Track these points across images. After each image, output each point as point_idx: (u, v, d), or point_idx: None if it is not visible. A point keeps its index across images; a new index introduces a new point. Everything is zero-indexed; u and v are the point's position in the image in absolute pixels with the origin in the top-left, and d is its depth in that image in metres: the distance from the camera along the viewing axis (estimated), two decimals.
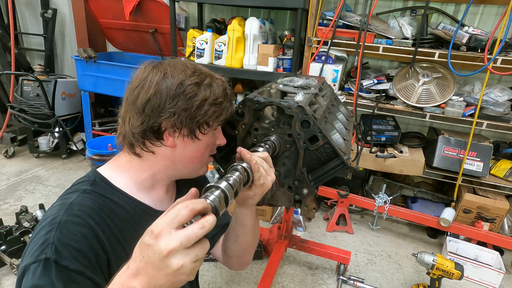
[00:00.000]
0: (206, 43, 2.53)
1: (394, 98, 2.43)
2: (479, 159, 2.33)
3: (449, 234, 2.42)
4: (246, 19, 2.43)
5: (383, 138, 2.54)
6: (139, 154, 0.81)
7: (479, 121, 2.21)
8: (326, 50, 2.37)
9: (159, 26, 3.04)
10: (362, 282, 2.10)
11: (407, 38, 2.27)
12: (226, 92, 0.82)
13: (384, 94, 2.45)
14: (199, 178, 0.95)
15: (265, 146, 0.84)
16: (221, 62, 2.55)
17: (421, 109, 2.32)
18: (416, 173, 2.46)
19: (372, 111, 2.41)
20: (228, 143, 0.92)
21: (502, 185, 2.37)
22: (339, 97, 2.09)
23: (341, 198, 2.53)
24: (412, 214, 2.37)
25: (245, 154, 0.75)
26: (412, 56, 2.23)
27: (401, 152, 2.51)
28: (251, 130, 0.92)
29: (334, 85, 2.44)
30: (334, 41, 2.35)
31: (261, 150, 0.81)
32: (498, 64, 2.07)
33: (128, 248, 0.77)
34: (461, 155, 2.35)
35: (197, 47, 2.56)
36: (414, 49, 2.20)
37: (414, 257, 1.92)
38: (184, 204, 0.50)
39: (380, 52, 2.27)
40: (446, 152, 2.40)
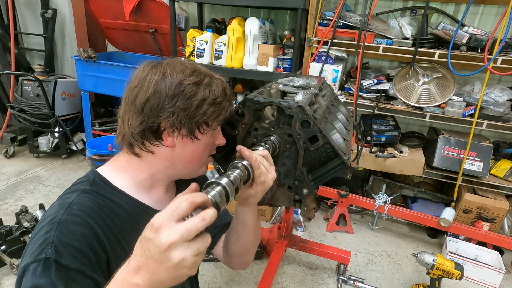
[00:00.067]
0: (206, 43, 2.53)
1: (394, 98, 2.43)
2: (479, 159, 2.33)
3: (449, 234, 2.42)
4: (246, 19, 2.43)
5: (383, 138, 2.54)
6: (138, 154, 0.81)
7: (479, 121, 2.21)
8: (326, 50, 2.37)
9: (159, 26, 3.04)
10: (362, 282, 2.10)
11: (407, 38, 2.27)
12: (226, 91, 0.82)
13: (384, 94, 2.45)
14: (199, 178, 0.95)
15: (265, 146, 0.84)
16: (221, 62, 2.55)
17: (421, 109, 2.32)
18: (416, 173, 2.46)
19: (372, 111, 2.41)
20: (228, 143, 0.92)
21: (502, 185, 2.37)
22: (339, 97, 2.09)
23: (341, 198, 2.53)
24: (412, 214, 2.37)
25: (244, 152, 0.75)
26: (412, 56, 2.23)
27: (401, 152, 2.51)
28: (251, 130, 0.92)
29: (334, 85, 2.44)
30: (334, 41, 2.35)
31: (261, 149, 0.81)
32: (498, 64, 2.07)
33: (127, 248, 0.76)
34: (461, 155, 2.35)
35: (197, 47, 2.56)
36: (414, 49, 2.20)
37: (414, 257, 1.92)
38: (184, 197, 0.50)
39: (380, 52, 2.27)
40: (446, 152, 2.40)
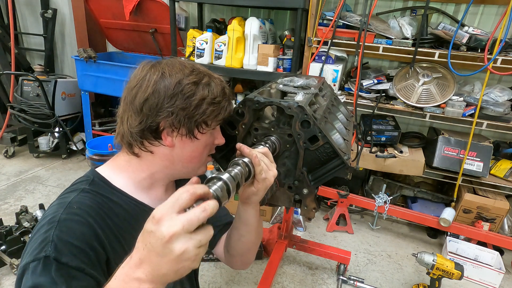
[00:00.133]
0: (206, 43, 2.53)
1: (394, 98, 2.43)
2: (479, 159, 2.33)
3: (449, 234, 2.42)
4: (246, 19, 2.43)
5: (383, 138, 2.54)
6: (138, 154, 0.81)
7: (479, 121, 2.21)
8: (326, 50, 2.37)
9: (159, 26, 3.04)
10: (362, 282, 2.10)
11: (407, 38, 2.27)
12: (225, 91, 0.82)
13: (384, 94, 2.45)
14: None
15: (265, 145, 0.84)
16: (221, 62, 2.55)
17: (421, 109, 2.32)
18: (416, 173, 2.46)
19: (372, 111, 2.41)
20: (228, 143, 0.91)
21: (502, 185, 2.37)
22: (339, 97, 2.09)
23: (341, 198, 2.53)
24: (412, 214, 2.37)
25: (244, 149, 0.75)
26: (412, 56, 2.23)
27: (401, 152, 2.51)
28: (251, 130, 0.92)
29: (334, 85, 2.44)
30: (334, 41, 2.35)
31: (261, 147, 0.81)
32: (498, 64, 2.07)
33: (127, 247, 0.76)
34: (461, 155, 2.35)
35: (197, 47, 2.56)
36: (414, 49, 2.20)
37: (414, 257, 1.92)
38: (185, 188, 0.50)
39: (380, 52, 2.27)
40: (446, 152, 2.39)
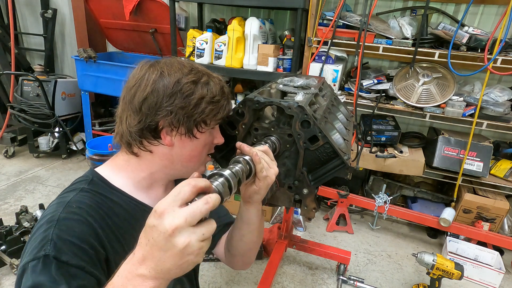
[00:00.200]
0: (206, 43, 2.53)
1: (394, 98, 2.43)
2: (479, 159, 2.33)
3: (449, 234, 2.42)
4: (246, 19, 2.43)
5: (383, 138, 2.54)
6: (137, 153, 0.81)
7: (479, 121, 2.21)
8: (326, 50, 2.37)
9: (159, 26, 3.04)
10: (362, 282, 2.10)
11: (407, 38, 2.27)
12: (223, 90, 0.82)
13: (384, 94, 2.45)
14: None
15: (265, 144, 0.84)
16: (221, 62, 2.55)
17: (421, 109, 2.32)
18: (416, 173, 2.46)
19: (372, 111, 2.41)
20: (228, 143, 0.92)
21: (502, 185, 2.37)
22: (339, 97, 2.09)
23: (341, 198, 2.53)
24: (412, 214, 2.37)
25: (244, 148, 0.75)
26: (412, 56, 2.23)
27: (401, 152, 2.51)
28: (251, 130, 0.92)
29: (334, 85, 2.44)
30: (334, 41, 2.35)
31: (261, 146, 0.81)
32: (498, 64, 2.07)
33: (126, 247, 0.76)
34: (461, 155, 2.35)
35: (197, 47, 2.56)
36: (414, 49, 2.20)
37: (414, 257, 1.92)
38: (186, 181, 0.50)
39: (380, 52, 2.27)
40: (446, 152, 2.39)
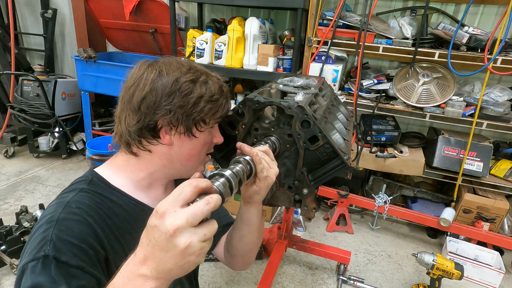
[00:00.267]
0: (206, 43, 2.53)
1: (394, 98, 2.43)
2: (479, 159, 2.33)
3: (449, 234, 2.42)
4: (246, 19, 2.43)
5: (383, 138, 2.54)
6: (136, 153, 0.81)
7: (479, 121, 2.21)
8: (326, 50, 2.37)
9: (159, 26, 3.04)
10: (362, 282, 2.10)
11: (407, 38, 2.27)
12: (222, 89, 0.82)
13: (384, 94, 2.45)
14: None
15: (265, 144, 0.84)
16: (221, 62, 2.55)
17: (421, 109, 2.32)
18: (416, 173, 2.46)
19: (372, 111, 2.41)
20: (228, 144, 0.91)
21: (502, 185, 2.37)
22: (339, 97, 2.09)
23: (341, 198, 2.53)
24: (412, 214, 2.37)
25: (244, 148, 0.75)
26: (412, 56, 2.23)
27: (401, 152, 2.51)
28: (251, 130, 0.92)
29: (334, 85, 2.44)
30: (334, 41, 2.35)
31: (261, 146, 0.81)
32: (498, 64, 2.07)
33: (126, 247, 0.76)
34: (461, 155, 2.35)
35: (197, 47, 2.56)
36: (414, 49, 2.20)
37: (414, 257, 1.92)
38: (187, 181, 0.50)
39: (380, 52, 2.27)
40: (446, 152, 2.39)
